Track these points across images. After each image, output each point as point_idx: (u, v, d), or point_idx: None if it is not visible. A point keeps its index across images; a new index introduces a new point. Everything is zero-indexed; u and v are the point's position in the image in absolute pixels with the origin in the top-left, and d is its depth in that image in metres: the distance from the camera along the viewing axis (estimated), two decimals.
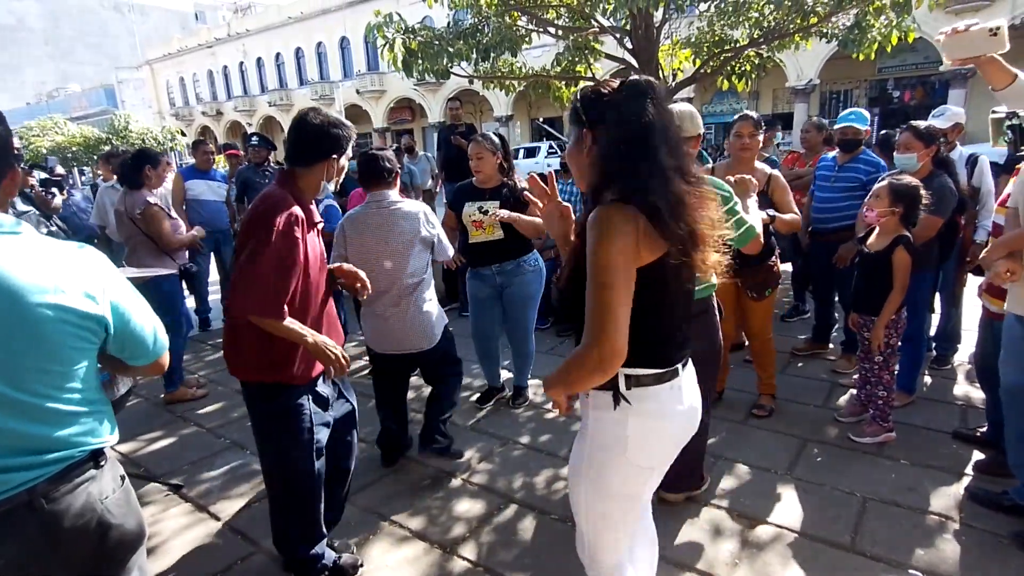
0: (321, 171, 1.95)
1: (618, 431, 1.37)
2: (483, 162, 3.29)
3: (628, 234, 1.23)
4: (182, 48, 39.59)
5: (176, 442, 3.47)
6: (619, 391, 1.35)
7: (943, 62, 13.52)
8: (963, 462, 2.77)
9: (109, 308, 1.21)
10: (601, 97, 1.34)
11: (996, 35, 1.56)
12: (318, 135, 1.92)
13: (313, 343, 1.87)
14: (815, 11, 6.00)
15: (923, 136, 3.13)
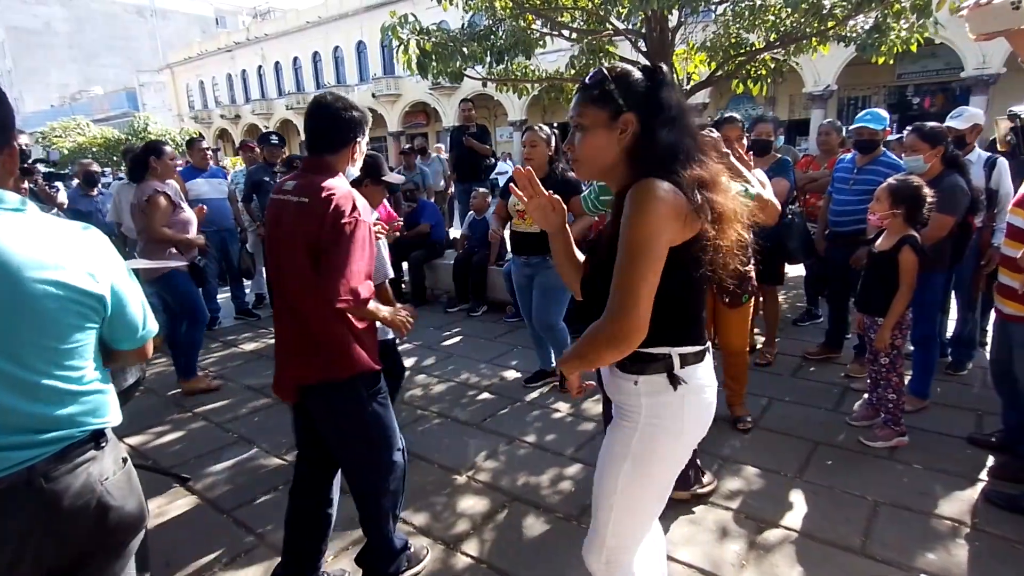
0: (347, 156, 1.95)
1: (676, 412, 1.36)
2: (536, 150, 3.44)
3: (670, 208, 1.22)
4: (202, 52, 40.21)
5: (184, 435, 3.49)
6: (674, 372, 1.34)
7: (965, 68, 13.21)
8: (978, 467, 2.71)
9: (108, 288, 1.22)
10: (637, 80, 1.32)
11: (1019, 7, 1.52)
12: (342, 118, 1.91)
13: (390, 314, 1.99)
14: (833, 14, 5.93)
15: (928, 137, 3.09)
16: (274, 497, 2.77)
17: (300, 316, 1.88)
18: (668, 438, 1.38)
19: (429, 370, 4.32)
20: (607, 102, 1.31)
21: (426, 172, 7.46)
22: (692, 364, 1.37)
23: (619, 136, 1.32)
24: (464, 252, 5.93)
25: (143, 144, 4.08)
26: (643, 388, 1.36)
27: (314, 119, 1.91)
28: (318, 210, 1.78)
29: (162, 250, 3.79)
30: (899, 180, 2.83)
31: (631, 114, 1.30)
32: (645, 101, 1.30)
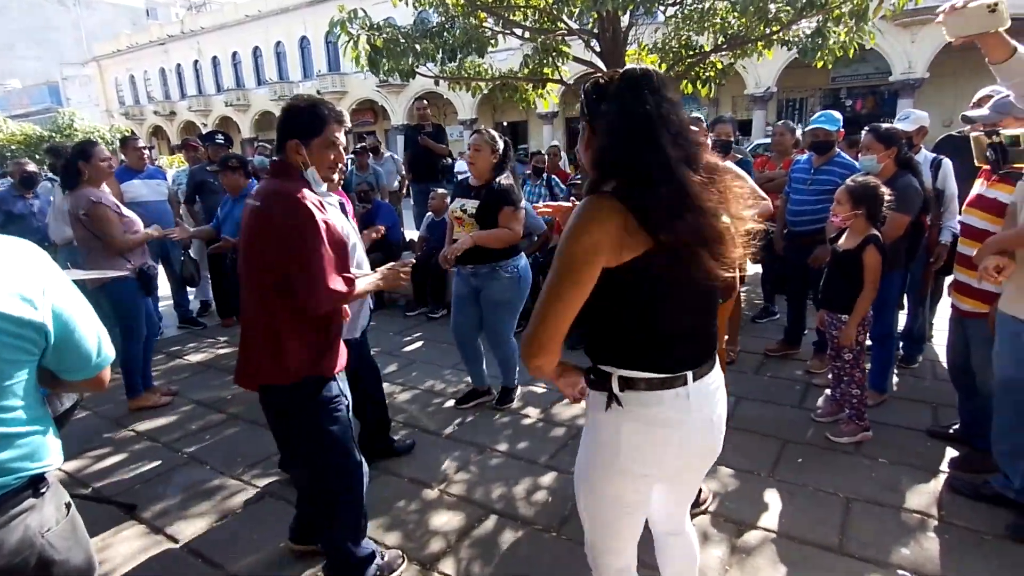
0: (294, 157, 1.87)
1: (610, 434, 1.32)
2: (479, 155, 3.25)
3: (603, 230, 1.17)
4: (132, 45, 38.11)
5: (128, 458, 3.23)
6: (612, 392, 1.29)
7: (893, 72, 14.00)
8: (938, 459, 2.80)
9: (50, 314, 1.06)
10: (599, 88, 1.29)
11: (995, 11, 1.54)
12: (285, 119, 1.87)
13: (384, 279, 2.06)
14: (778, 18, 6.10)
15: (883, 137, 3.18)
16: (233, 523, 2.59)
17: (258, 316, 1.87)
18: (602, 459, 1.36)
19: (392, 378, 4.17)
20: (581, 111, 1.33)
21: (379, 172, 7.24)
22: (639, 391, 1.27)
23: (585, 142, 1.33)
24: (423, 254, 5.79)
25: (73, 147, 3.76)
26: (591, 400, 1.38)
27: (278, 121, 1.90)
28: (269, 215, 1.80)
29: (116, 258, 3.53)
30: (857, 181, 2.90)
31: (587, 122, 1.30)
32: (599, 110, 1.27)
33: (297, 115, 1.85)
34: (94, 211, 3.43)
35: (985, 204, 2.51)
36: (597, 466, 1.36)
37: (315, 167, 1.87)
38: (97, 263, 3.50)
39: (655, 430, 1.31)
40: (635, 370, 1.28)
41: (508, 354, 3.55)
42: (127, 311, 3.68)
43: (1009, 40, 1.60)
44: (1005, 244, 2.19)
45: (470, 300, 3.46)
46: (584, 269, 1.19)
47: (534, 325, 1.23)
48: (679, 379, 1.29)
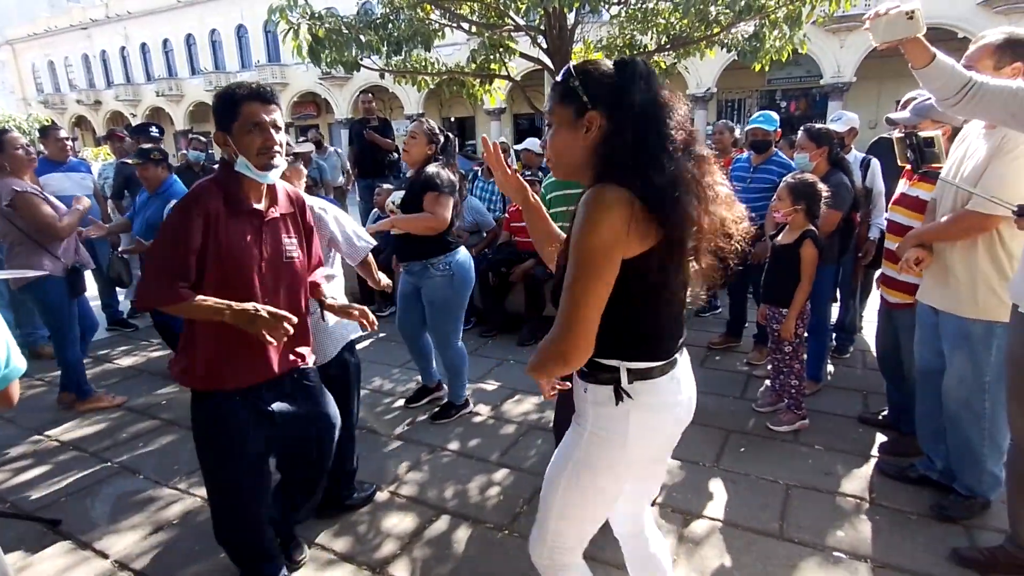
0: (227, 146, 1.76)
1: (619, 425, 1.32)
2: (414, 143, 3.13)
3: (620, 218, 1.15)
4: (51, 28, 35.70)
5: (51, 470, 3.02)
6: (620, 386, 1.29)
7: (823, 76, 14.72)
8: (869, 445, 2.96)
9: None
10: (607, 75, 1.25)
11: (912, 18, 1.64)
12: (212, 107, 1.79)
13: (236, 312, 1.65)
14: (718, 20, 6.29)
15: (815, 137, 3.34)
16: (168, 535, 2.46)
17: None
18: (611, 450, 1.34)
19: None
20: (572, 99, 1.26)
21: (324, 166, 7.05)
22: (646, 379, 1.31)
23: (584, 135, 1.25)
24: None
25: None
26: (591, 396, 1.35)
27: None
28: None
29: (39, 253, 3.28)
30: (797, 178, 3.02)
31: (596, 112, 1.24)
32: (611, 98, 1.23)
33: (215, 104, 1.76)
34: (19, 200, 3.19)
35: (908, 202, 2.65)
36: (602, 458, 1.35)
37: (244, 155, 1.73)
38: (19, 260, 3.27)
39: (659, 415, 1.35)
40: (642, 361, 1.30)
41: (453, 362, 3.35)
42: (53, 313, 3.46)
43: (929, 47, 1.69)
44: (923, 238, 2.33)
45: (414, 297, 3.34)
46: (607, 262, 1.17)
47: (566, 331, 1.18)
48: (672, 363, 1.35)
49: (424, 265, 3.16)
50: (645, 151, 1.19)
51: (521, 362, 4.24)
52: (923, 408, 2.58)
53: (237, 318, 1.66)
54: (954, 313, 2.27)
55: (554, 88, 1.31)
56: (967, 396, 2.28)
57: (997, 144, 2.01)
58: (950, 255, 2.26)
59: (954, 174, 2.23)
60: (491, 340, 4.73)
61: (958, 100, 1.72)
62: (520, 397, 3.67)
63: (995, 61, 1.95)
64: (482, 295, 4.98)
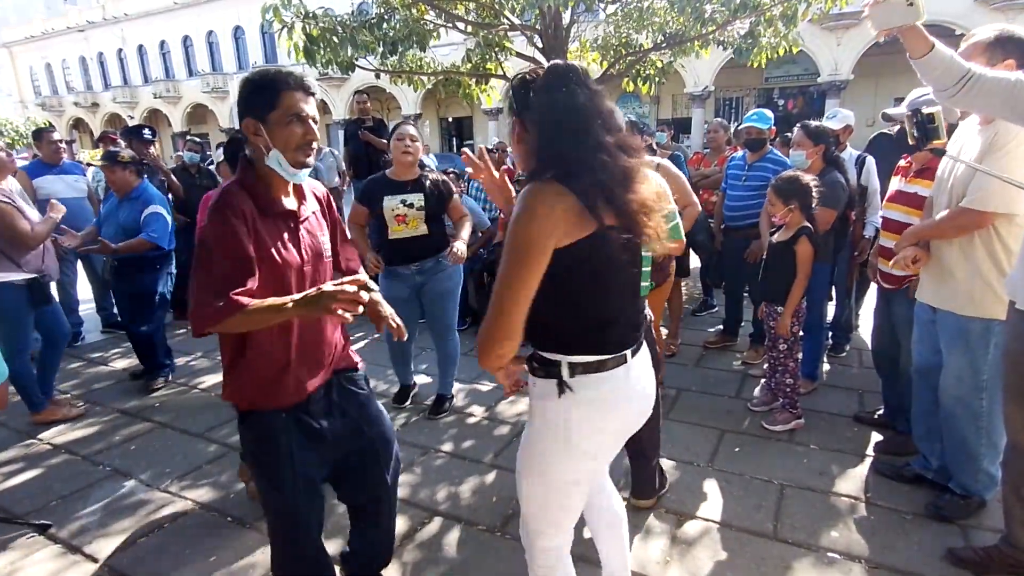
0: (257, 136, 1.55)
1: (560, 419, 1.35)
2: (416, 145, 3.17)
3: (548, 213, 1.21)
4: (48, 31, 35.62)
5: (42, 474, 3.00)
6: (562, 379, 1.33)
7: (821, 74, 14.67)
8: (865, 444, 2.94)
9: None
10: (527, 84, 1.33)
11: (912, 4, 1.62)
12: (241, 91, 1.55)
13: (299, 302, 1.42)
14: (713, 19, 6.27)
15: (812, 135, 3.32)
16: (159, 538, 2.44)
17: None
18: (554, 444, 1.38)
19: None
20: (510, 107, 1.36)
21: (320, 167, 7.02)
22: (587, 374, 1.33)
23: (517, 137, 1.36)
24: None
25: None
26: (536, 390, 1.40)
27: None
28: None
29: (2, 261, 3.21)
30: (782, 178, 3.00)
31: (518, 118, 1.34)
32: (527, 105, 1.31)
33: (248, 88, 1.54)
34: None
35: (906, 199, 2.64)
36: (548, 451, 1.39)
37: (279, 149, 1.54)
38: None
39: (603, 409, 1.37)
40: (582, 355, 1.33)
41: (451, 349, 3.51)
42: (15, 322, 3.32)
43: (928, 36, 1.67)
44: (920, 236, 2.31)
45: (410, 300, 3.31)
46: (535, 253, 1.22)
47: (494, 318, 1.25)
48: (620, 358, 1.36)
49: (436, 260, 3.27)
50: (563, 151, 1.25)
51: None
52: (919, 406, 2.57)
53: (303, 307, 1.42)
54: (952, 311, 2.25)
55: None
56: (964, 394, 2.26)
57: (990, 140, 2.00)
58: (947, 252, 2.24)
59: (949, 173, 2.21)
60: None
61: (956, 91, 1.70)
62: (514, 398, 3.66)
63: (987, 59, 1.93)
64: (477, 295, 4.96)
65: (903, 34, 1.66)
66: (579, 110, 1.26)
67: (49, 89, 37.12)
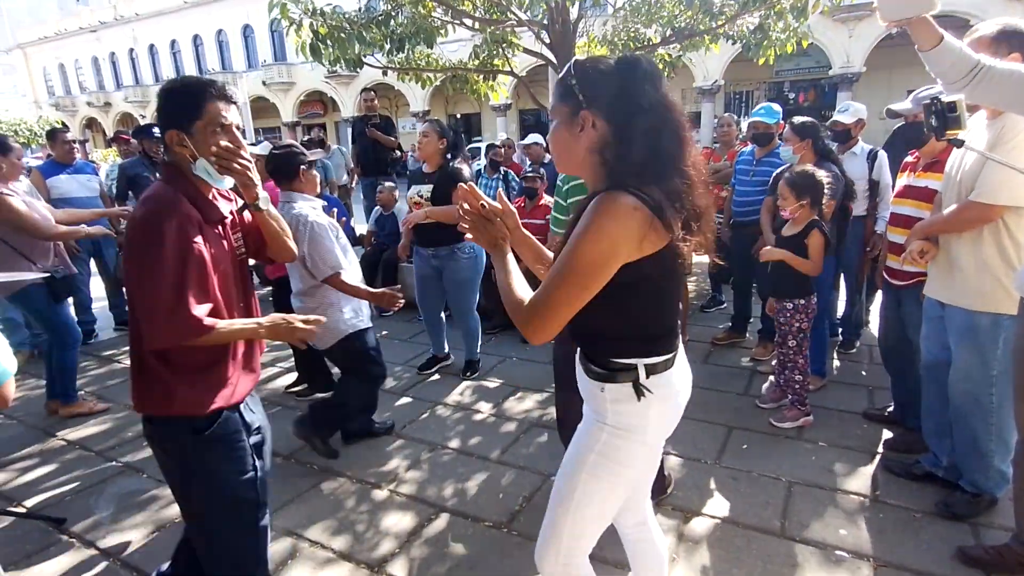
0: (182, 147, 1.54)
1: (640, 419, 1.34)
2: (427, 140, 3.52)
3: (626, 230, 1.15)
4: (61, 31, 35.95)
5: (56, 469, 3.05)
6: (639, 383, 1.31)
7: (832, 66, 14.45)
8: (874, 441, 2.91)
9: None
10: (603, 73, 1.22)
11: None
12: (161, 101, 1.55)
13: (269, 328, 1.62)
14: (722, 12, 6.22)
15: (797, 130, 3.35)
16: (171, 534, 2.47)
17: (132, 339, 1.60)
18: (632, 444, 1.36)
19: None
20: (570, 97, 1.24)
21: (328, 165, 7.04)
22: (660, 372, 1.33)
23: (579, 133, 1.24)
24: (372, 249, 5.68)
25: None
26: (609, 395, 1.35)
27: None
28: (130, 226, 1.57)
29: (15, 259, 3.26)
30: (795, 172, 2.97)
31: (588, 112, 1.22)
32: (608, 100, 1.21)
33: (169, 99, 1.54)
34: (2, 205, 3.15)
35: (916, 193, 2.61)
36: (619, 450, 1.35)
37: (205, 157, 1.55)
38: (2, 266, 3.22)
39: (671, 404, 1.38)
40: (656, 356, 1.32)
41: (471, 328, 3.95)
42: (43, 318, 3.44)
43: (937, 28, 1.64)
44: (929, 230, 2.29)
45: (433, 278, 3.81)
46: (601, 269, 1.17)
47: (543, 311, 1.20)
48: (676, 353, 1.38)
49: (452, 250, 3.66)
50: (658, 159, 1.19)
51: (523, 359, 4.23)
52: (928, 403, 2.55)
53: (273, 333, 1.63)
54: (960, 306, 2.22)
55: (557, 84, 1.30)
56: (974, 390, 2.24)
57: (998, 133, 1.97)
58: (956, 247, 2.21)
59: (957, 167, 2.18)
60: (493, 337, 4.71)
61: (966, 83, 1.67)
62: (522, 394, 3.66)
63: (992, 53, 1.89)
64: (485, 293, 4.96)
65: (912, 26, 1.63)
66: (661, 110, 1.20)
67: (62, 89, 37.50)
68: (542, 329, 1.21)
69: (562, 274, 1.18)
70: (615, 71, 1.22)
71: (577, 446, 1.42)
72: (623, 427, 1.35)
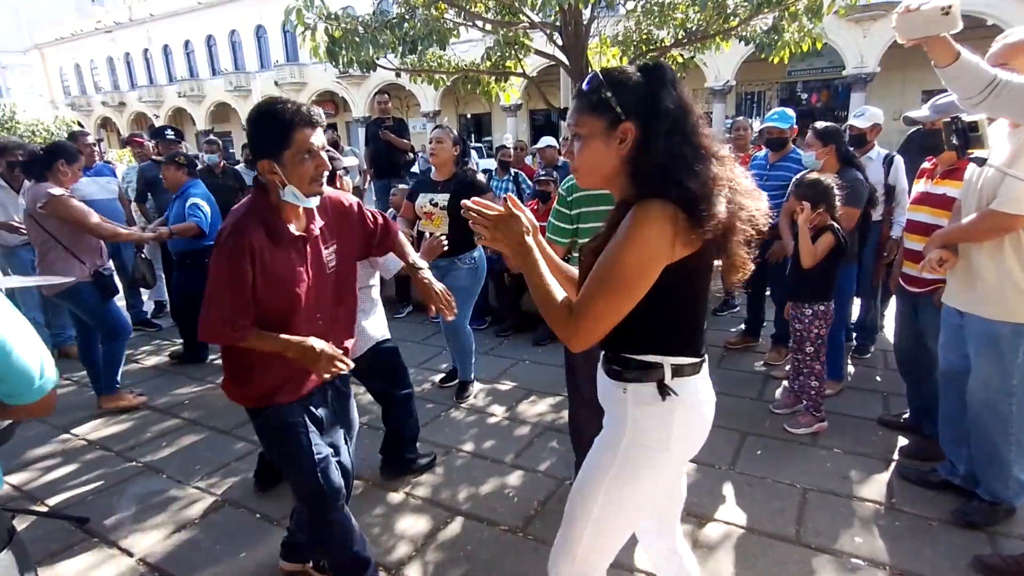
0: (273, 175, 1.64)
1: (663, 426, 1.30)
2: (441, 147, 3.41)
3: (663, 235, 1.16)
4: (77, 32, 36.40)
5: (79, 468, 3.10)
6: (664, 383, 1.28)
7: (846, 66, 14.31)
8: (890, 448, 2.90)
9: None
10: (636, 84, 1.22)
11: (948, 14, 1.54)
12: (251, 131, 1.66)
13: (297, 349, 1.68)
14: (736, 14, 6.20)
15: (820, 135, 3.28)
16: (191, 534, 2.52)
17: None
18: (654, 451, 1.32)
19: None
20: (605, 110, 1.22)
21: None
22: (686, 376, 1.31)
23: (618, 146, 1.23)
24: None
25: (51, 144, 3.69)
26: (631, 397, 1.32)
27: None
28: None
29: (67, 258, 3.42)
30: (806, 183, 2.96)
31: (630, 123, 1.21)
32: (644, 107, 1.21)
33: (258, 128, 1.63)
34: (51, 203, 3.31)
35: (934, 200, 2.60)
36: (640, 462, 1.32)
37: (295, 184, 1.64)
38: (50, 267, 3.43)
39: (699, 413, 1.35)
40: (684, 356, 1.30)
41: (464, 343, 3.70)
42: (94, 314, 3.62)
43: (954, 44, 1.64)
44: (948, 239, 2.28)
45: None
46: (645, 276, 1.19)
47: (589, 320, 1.19)
48: (703, 361, 1.36)
49: (452, 261, 3.46)
50: (683, 160, 1.18)
51: (536, 362, 4.24)
52: (946, 411, 2.53)
53: (299, 355, 1.69)
54: (980, 315, 2.21)
55: (581, 97, 1.26)
56: (993, 399, 2.23)
57: (1019, 145, 1.96)
58: (976, 256, 2.20)
59: (978, 175, 2.17)
60: (506, 340, 4.73)
61: (982, 99, 1.67)
62: (535, 398, 3.68)
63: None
64: (497, 295, 4.99)
65: (929, 43, 1.62)
66: (690, 117, 1.21)
67: (78, 89, 37.96)
68: (587, 338, 1.21)
69: (607, 282, 1.19)
70: (644, 79, 1.22)
71: (594, 462, 1.38)
72: (643, 436, 1.31)
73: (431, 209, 3.44)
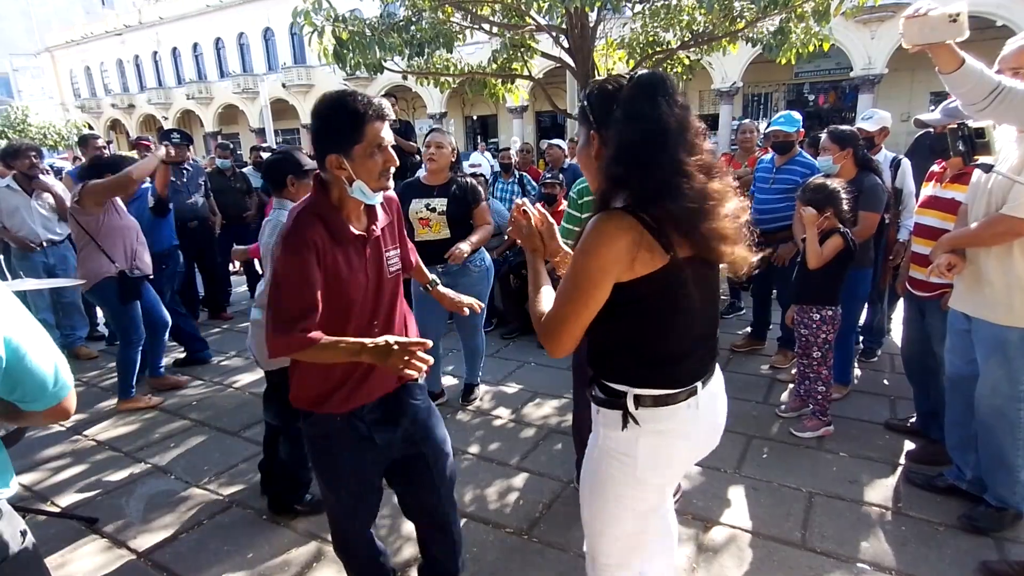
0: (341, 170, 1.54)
1: (627, 449, 1.32)
2: (442, 152, 3.31)
3: (618, 248, 1.15)
4: (87, 35, 36.67)
5: (87, 469, 3.14)
6: (628, 411, 1.29)
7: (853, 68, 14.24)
8: (896, 452, 2.89)
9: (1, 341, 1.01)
10: (608, 93, 1.24)
11: (956, 21, 1.54)
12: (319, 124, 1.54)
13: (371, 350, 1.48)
14: (742, 16, 6.20)
15: (837, 139, 3.24)
16: (198, 534, 2.54)
17: None
18: (620, 474, 1.34)
19: None
20: (583, 119, 1.29)
21: None
22: (656, 407, 1.28)
23: (592, 154, 1.27)
24: None
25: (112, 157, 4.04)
26: (600, 419, 1.37)
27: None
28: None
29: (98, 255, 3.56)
30: (811, 189, 2.94)
31: (596, 133, 1.25)
32: (609, 117, 1.21)
33: (327, 122, 1.52)
34: (84, 189, 3.51)
35: (942, 204, 2.59)
36: (615, 480, 1.35)
37: (364, 180, 1.53)
38: (84, 262, 3.60)
39: (670, 441, 1.32)
40: (650, 388, 1.28)
41: (478, 346, 3.73)
42: (112, 313, 3.73)
43: (959, 51, 1.64)
44: (956, 243, 2.27)
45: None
46: (596, 286, 1.20)
47: (553, 327, 1.25)
48: (691, 391, 1.31)
49: (463, 264, 3.30)
50: (645, 173, 1.16)
51: (542, 364, 4.25)
52: (953, 416, 2.52)
53: (373, 356, 1.49)
54: (989, 319, 2.20)
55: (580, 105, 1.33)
56: (1001, 405, 2.22)
57: None
58: (984, 260, 2.19)
59: (986, 179, 2.17)
60: (512, 342, 4.74)
61: (986, 105, 1.67)
62: (540, 400, 3.69)
63: None
64: (503, 297, 5.00)
65: (933, 50, 1.63)
66: (665, 129, 1.16)
67: (88, 91, 38.24)
68: (557, 342, 1.25)
69: (566, 289, 1.23)
70: (620, 91, 1.21)
71: (583, 468, 1.45)
72: (610, 457, 1.35)
73: (428, 215, 3.29)
